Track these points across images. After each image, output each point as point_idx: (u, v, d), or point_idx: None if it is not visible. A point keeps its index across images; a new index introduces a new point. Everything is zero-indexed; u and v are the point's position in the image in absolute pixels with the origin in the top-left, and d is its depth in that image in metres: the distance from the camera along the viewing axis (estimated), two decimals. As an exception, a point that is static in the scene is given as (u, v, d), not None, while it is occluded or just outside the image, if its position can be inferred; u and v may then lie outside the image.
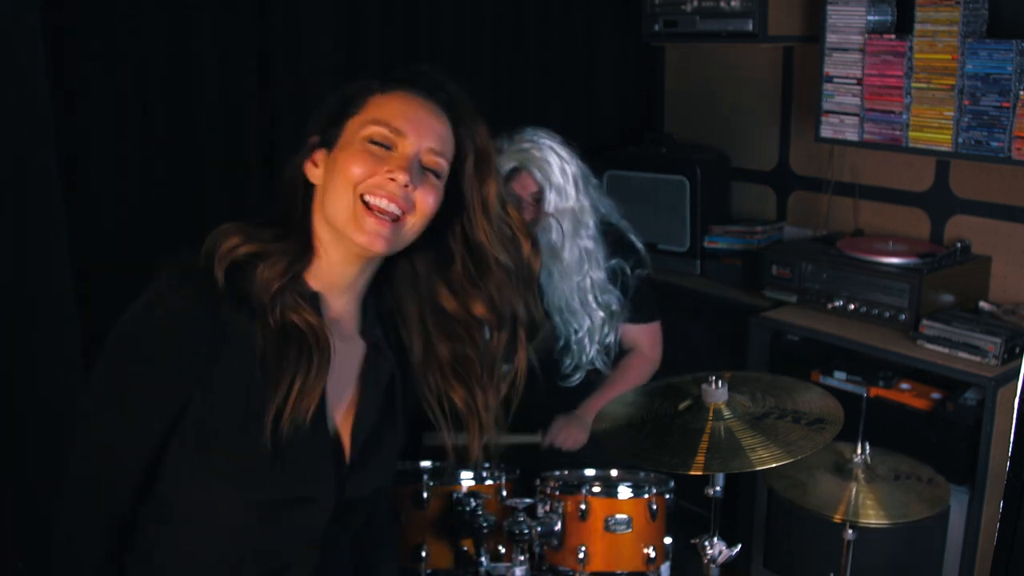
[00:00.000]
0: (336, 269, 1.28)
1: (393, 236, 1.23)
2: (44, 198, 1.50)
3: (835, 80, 2.78)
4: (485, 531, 1.98)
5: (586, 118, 3.52)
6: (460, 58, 3.11)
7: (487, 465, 2.13)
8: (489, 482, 2.10)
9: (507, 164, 2.33)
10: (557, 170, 2.33)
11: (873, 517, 1.93)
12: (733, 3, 2.98)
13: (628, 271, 2.40)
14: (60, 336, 1.57)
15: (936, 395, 2.58)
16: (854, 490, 1.98)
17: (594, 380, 2.44)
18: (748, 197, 3.45)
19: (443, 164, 1.27)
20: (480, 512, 1.99)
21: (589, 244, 2.34)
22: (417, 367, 1.38)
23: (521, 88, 3.30)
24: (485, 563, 1.99)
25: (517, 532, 1.97)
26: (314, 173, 1.27)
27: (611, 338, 2.40)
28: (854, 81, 2.72)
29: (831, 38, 2.77)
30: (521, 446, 2.22)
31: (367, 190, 1.22)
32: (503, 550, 2.05)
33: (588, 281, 2.34)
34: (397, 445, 1.41)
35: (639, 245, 2.46)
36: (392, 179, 1.22)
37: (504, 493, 2.10)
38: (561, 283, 2.32)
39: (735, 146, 3.45)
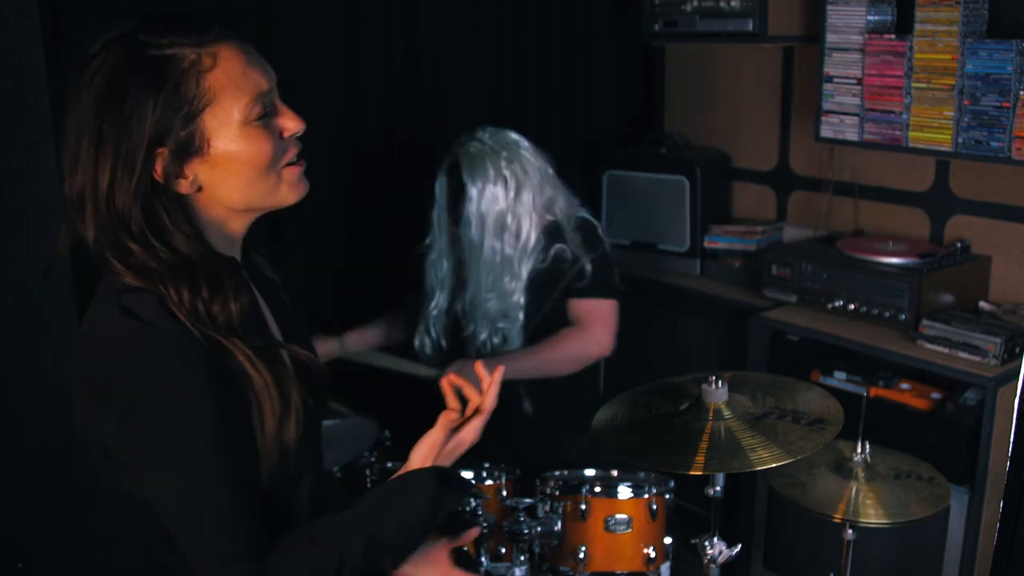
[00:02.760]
0: (237, 231, 1.29)
1: None
2: (44, 198, 1.50)
3: (835, 80, 2.78)
4: (485, 531, 1.98)
5: (586, 118, 3.52)
6: (460, 58, 3.11)
7: (487, 465, 2.14)
8: (489, 482, 2.11)
9: (449, 159, 2.43)
10: (491, 171, 2.35)
11: (873, 516, 1.93)
12: (733, 3, 2.98)
13: (579, 252, 2.38)
14: (60, 336, 1.57)
15: (936, 395, 2.58)
16: (854, 489, 1.98)
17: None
18: (748, 197, 3.45)
19: None
20: (480, 512, 2.00)
21: (509, 251, 2.36)
22: None
23: (521, 88, 3.30)
24: (485, 563, 1.99)
25: (517, 532, 1.98)
26: (184, 184, 1.20)
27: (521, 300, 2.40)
28: (854, 81, 2.72)
29: (831, 38, 2.76)
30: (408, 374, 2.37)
31: (278, 163, 1.24)
32: (503, 550, 2.06)
33: (504, 284, 2.36)
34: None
35: (593, 221, 2.47)
36: (292, 133, 1.25)
37: (504, 493, 2.11)
38: (478, 276, 2.38)
39: (735, 146, 3.45)
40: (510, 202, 2.35)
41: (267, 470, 1.22)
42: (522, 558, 1.99)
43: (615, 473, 2.16)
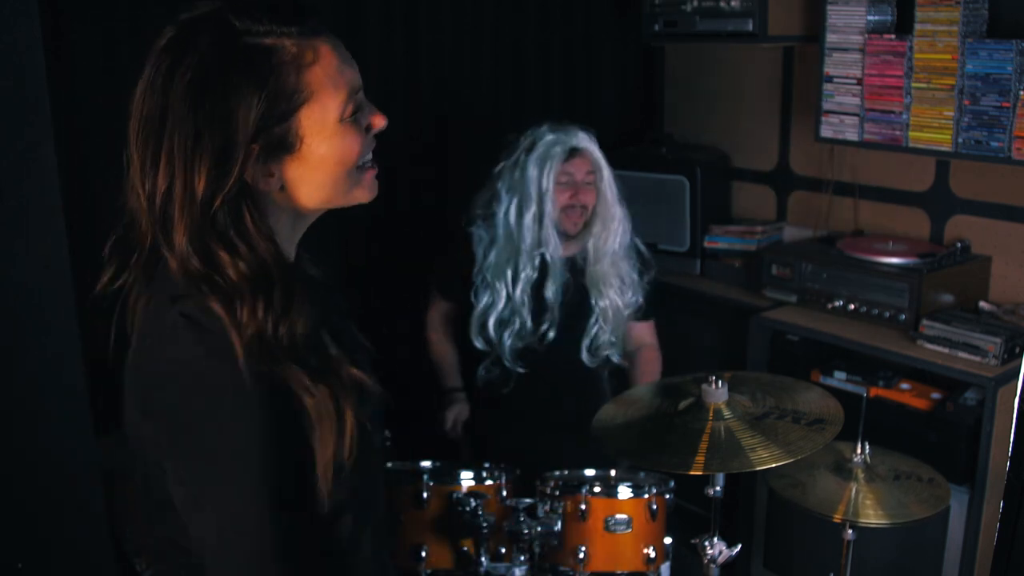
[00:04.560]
0: (298, 235, 1.24)
1: None
2: (44, 198, 1.50)
3: (835, 80, 2.78)
4: (485, 531, 1.98)
5: (586, 118, 3.50)
6: (460, 58, 3.11)
7: (487, 465, 2.14)
8: (489, 482, 2.11)
9: (562, 145, 2.45)
10: (603, 158, 2.50)
11: (873, 517, 1.93)
12: (733, 3, 2.98)
13: (637, 277, 2.54)
14: (60, 336, 1.57)
15: (936, 395, 2.58)
16: (854, 490, 1.98)
17: (598, 373, 2.55)
18: (748, 197, 3.45)
19: None
20: (480, 512, 2.00)
21: (621, 232, 2.49)
22: None
23: (521, 88, 3.30)
24: (485, 563, 2.00)
25: (517, 532, 1.98)
26: (270, 183, 1.14)
27: (622, 329, 2.54)
28: (854, 81, 2.72)
29: (831, 38, 2.76)
30: None
31: (363, 161, 1.20)
32: (503, 550, 2.06)
33: (623, 267, 2.50)
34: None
35: (643, 248, 2.60)
36: (377, 128, 1.21)
37: (504, 493, 2.11)
38: (603, 260, 2.47)
39: (735, 146, 3.45)
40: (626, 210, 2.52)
41: (325, 496, 1.12)
42: (522, 558, 1.99)
43: (615, 473, 2.16)
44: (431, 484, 2.04)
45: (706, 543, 1.89)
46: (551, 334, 2.45)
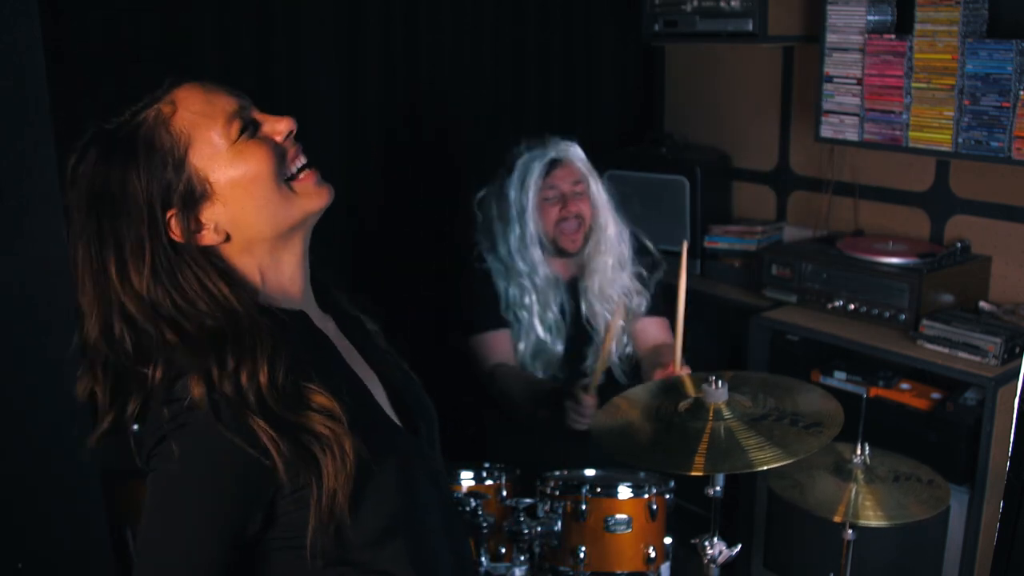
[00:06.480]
0: (291, 271, 1.24)
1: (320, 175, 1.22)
2: (44, 198, 1.50)
3: (835, 80, 2.78)
4: (485, 531, 1.98)
5: (586, 118, 3.52)
6: (460, 58, 3.11)
7: (487, 465, 2.14)
8: (489, 482, 2.11)
9: (539, 160, 2.37)
10: (587, 163, 2.44)
11: (873, 519, 1.93)
12: (733, 3, 2.98)
13: (646, 274, 2.51)
14: (60, 336, 1.57)
15: (936, 395, 2.58)
16: (853, 491, 1.98)
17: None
18: (748, 197, 3.44)
19: None
20: (480, 512, 2.00)
21: (618, 241, 2.45)
22: None
23: (521, 88, 3.30)
24: (485, 563, 2.00)
25: (517, 532, 1.98)
26: (208, 235, 1.16)
27: (629, 348, 2.50)
28: (854, 81, 2.72)
29: (831, 38, 2.76)
30: None
31: (285, 168, 1.18)
32: (503, 550, 2.06)
33: (622, 276, 2.45)
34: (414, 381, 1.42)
35: (650, 246, 2.57)
36: (284, 134, 1.19)
37: (504, 493, 2.11)
38: (599, 275, 2.42)
39: (735, 146, 3.45)
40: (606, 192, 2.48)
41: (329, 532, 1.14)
42: (522, 558, 1.99)
43: (615, 473, 2.16)
44: (431, 484, 2.04)
45: (706, 543, 1.89)
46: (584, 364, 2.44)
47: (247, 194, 1.15)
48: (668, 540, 2.10)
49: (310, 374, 1.15)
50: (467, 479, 2.09)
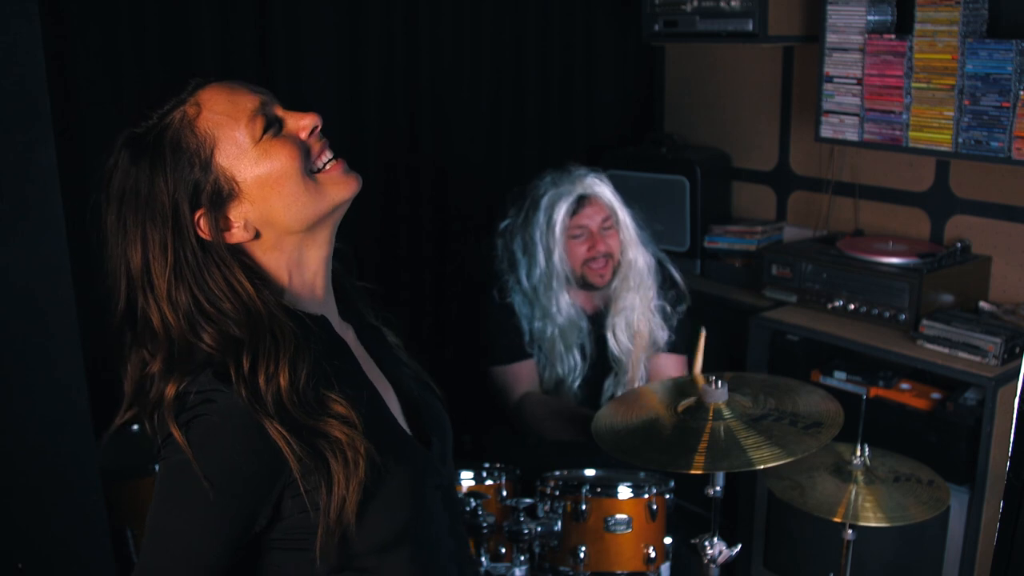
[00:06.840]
0: (315, 267, 1.25)
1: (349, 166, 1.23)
2: (44, 198, 1.50)
3: (835, 80, 2.78)
4: (485, 531, 1.98)
5: (586, 118, 3.52)
6: (460, 58, 3.11)
7: (487, 465, 2.14)
8: (489, 482, 2.11)
9: (566, 198, 2.33)
10: (616, 196, 2.40)
11: (873, 519, 1.93)
12: (733, 3, 2.98)
13: (669, 309, 2.47)
14: (60, 337, 1.57)
15: (936, 395, 2.58)
16: (853, 492, 1.98)
17: None
18: (748, 197, 3.44)
19: None
20: (480, 512, 2.00)
21: (647, 275, 2.42)
22: None
23: (521, 88, 3.30)
24: (485, 563, 2.00)
25: (517, 532, 1.98)
26: (238, 233, 1.18)
27: (644, 382, 2.47)
28: (854, 81, 2.72)
29: (831, 38, 2.76)
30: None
31: (311, 163, 1.20)
32: (503, 550, 2.06)
33: (647, 306, 2.41)
34: (437, 398, 1.43)
35: (678, 277, 2.52)
36: (309, 130, 1.20)
37: (504, 493, 2.11)
38: (625, 311, 2.39)
39: (735, 146, 3.45)
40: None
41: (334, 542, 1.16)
42: (522, 558, 1.99)
43: (615, 473, 2.16)
44: (431, 484, 2.04)
45: (706, 543, 1.89)
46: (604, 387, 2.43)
47: (274, 191, 1.17)
48: (668, 540, 2.10)
49: (329, 380, 1.16)
50: (467, 479, 2.09)
